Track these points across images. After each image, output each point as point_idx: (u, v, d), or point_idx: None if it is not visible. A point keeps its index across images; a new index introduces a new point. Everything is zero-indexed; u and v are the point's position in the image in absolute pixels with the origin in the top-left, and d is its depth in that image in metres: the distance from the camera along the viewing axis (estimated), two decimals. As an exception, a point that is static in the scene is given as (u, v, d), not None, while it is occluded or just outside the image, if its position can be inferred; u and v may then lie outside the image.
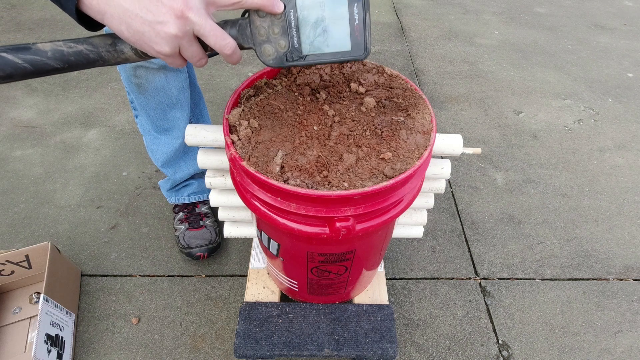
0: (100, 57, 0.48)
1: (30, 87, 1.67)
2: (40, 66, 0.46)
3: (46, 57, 0.46)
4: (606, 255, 1.17)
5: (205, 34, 0.46)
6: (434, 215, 1.24)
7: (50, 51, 0.46)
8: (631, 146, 1.55)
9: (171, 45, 0.45)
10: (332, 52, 0.52)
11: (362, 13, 0.49)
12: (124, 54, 0.49)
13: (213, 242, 1.08)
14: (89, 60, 0.48)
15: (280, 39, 0.50)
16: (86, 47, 0.47)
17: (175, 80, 0.88)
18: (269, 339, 0.81)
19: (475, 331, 0.99)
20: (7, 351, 0.89)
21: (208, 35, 0.46)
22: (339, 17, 0.49)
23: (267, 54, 0.51)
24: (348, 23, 0.50)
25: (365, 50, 0.52)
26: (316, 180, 0.54)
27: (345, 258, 0.71)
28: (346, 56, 0.52)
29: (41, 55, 0.46)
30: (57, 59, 0.46)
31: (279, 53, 0.51)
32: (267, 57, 0.51)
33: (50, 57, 0.46)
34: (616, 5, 2.68)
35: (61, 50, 0.46)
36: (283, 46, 0.51)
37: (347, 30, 0.50)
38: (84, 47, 0.47)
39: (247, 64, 1.87)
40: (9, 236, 1.13)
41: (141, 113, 0.95)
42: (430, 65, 1.95)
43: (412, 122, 0.62)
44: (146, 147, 1.04)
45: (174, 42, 0.45)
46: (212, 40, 0.47)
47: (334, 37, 0.50)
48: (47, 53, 0.46)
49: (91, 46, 0.48)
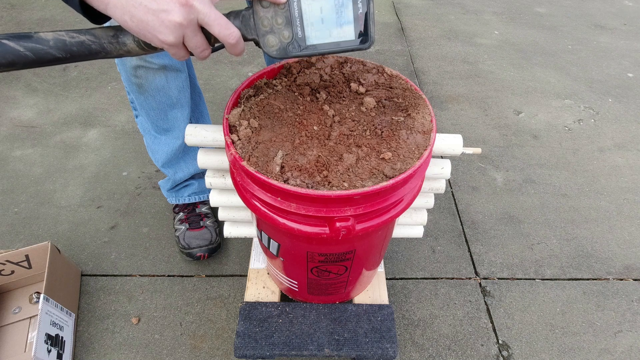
0: (102, 48, 0.48)
1: (30, 87, 1.67)
2: (42, 55, 0.46)
3: (48, 46, 0.46)
4: (606, 255, 1.17)
5: (209, 23, 0.46)
6: (434, 215, 1.24)
7: (53, 40, 0.46)
8: (631, 146, 1.55)
9: (175, 35, 0.45)
10: (336, 41, 0.51)
11: (366, 1, 0.49)
12: (126, 45, 0.49)
13: (213, 242, 1.08)
14: (91, 51, 0.48)
15: (284, 30, 0.50)
16: (88, 37, 0.47)
17: (176, 80, 0.88)
18: (269, 339, 0.81)
19: (475, 331, 0.99)
20: (7, 351, 0.89)
21: (212, 24, 0.46)
22: (343, 6, 0.49)
23: (271, 45, 0.51)
24: (352, 12, 0.49)
25: (369, 39, 0.51)
26: (316, 180, 0.54)
27: (345, 258, 0.71)
28: (350, 45, 0.51)
29: (43, 44, 0.45)
30: (59, 48, 0.46)
31: (283, 44, 0.50)
32: (270, 48, 0.51)
33: (53, 47, 0.46)
34: (616, 5, 2.68)
35: (63, 40, 0.46)
36: (287, 37, 0.50)
37: (351, 19, 0.50)
38: (87, 38, 0.47)
39: (247, 64, 1.87)
40: (9, 236, 1.13)
41: (141, 113, 0.95)
42: (430, 65, 1.95)
43: (412, 122, 0.62)
44: (146, 147, 1.04)
45: (179, 31, 0.45)
46: (216, 29, 0.46)
47: (338, 26, 0.50)
48: (49, 42, 0.46)
49: (93, 37, 0.47)
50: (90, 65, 1.81)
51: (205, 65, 1.84)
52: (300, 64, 0.70)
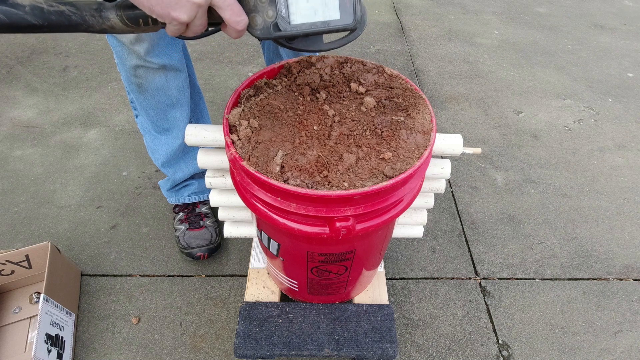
0: (83, 21, 0.47)
1: (30, 87, 1.67)
2: (16, 20, 0.44)
3: (24, 12, 0.44)
4: (606, 255, 1.17)
5: (223, 7, 0.46)
6: (434, 215, 1.24)
7: (29, 6, 0.44)
8: (631, 146, 1.55)
9: (190, 14, 0.45)
10: (320, 21, 0.50)
11: None
12: (109, 20, 0.47)
13: (213, 242, 1.08)
14: (71, 22, 0.47)
15: (268, 8, 0.49)
16: (69, 8, 0.46)
17: (175, 79, 0.88)
18: (269, 339, 0.81)
19: (475, 331, 0.99)
20: (7, 351, 0.89)
21: (226, 8, 0.46)
22: None
23: (254, 25, 0.50)
24: None
25: (354, 17, 0.50)
26: (316, 180, 0.54)
27: (345, 258, 0.71)
28: (336, 24, 0.51)
29: (18, 9, 0.44)
30: (36, 15, 0.45)
31: (267, 23, 0.50)
32: (254, 29, 0.50)
33: (29, 12, 0.45)
34: (616, 5, 2.67)
35: (41, 7, 0.45)
36: (270, 15, 0.49)
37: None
38: (67, 8, 0.46)
39: (247, 64, 1.87)
40: (9, 236, 1.13)
41: (141, 113, 0.95)
42: (430, 65, 1.95)
43: (412, 122, 0.62)
44: (146, 147, 1.04)
45: (195, 10, 0.45)
46: (227, 14, 0.46)
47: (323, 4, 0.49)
48: (24, 7, 0.44)
49: (74, 8, 0.46)
50: (90, 65, 1.81)
51: (205, 65, 1.84)
52: (300, 64, 0.70)
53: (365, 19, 0.53)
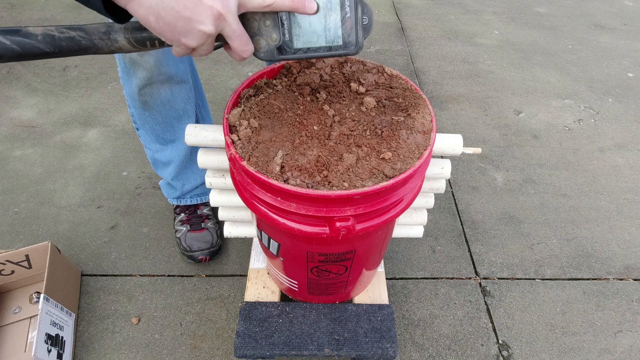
0: (93, 44, 0.48)
1: (30, 87, 1.67)
2: (29, 49, 0.46)
3: (36, 41, 0.46)
4: (606, 255, 1.17)
5: (233, 37, 0.46)
6: (434, 215, 1.24)
7: (41, 35, 0.46)
8: (631, 146, 1.55)
9: (199, 42, 0.46)
10: (323, 46, 0.51)
11: (354, 6, 0.49)
12: (117, 42, 0.48)
13: (214, 245, 1.08)
14: (80, 47, 0.48)
15: (272, 32, 0.50)
16: (79, 33, 0.47)
17: (181, 92, 0.88)
18: (269, 339, 0.81)
19: (475, 331, 0.99)
20: (7, 351, 0.89)
21: (235, 38, 0.47)
22: (330, 10, 0.49)
23: (258, 48, 0.51)
24: (339, 16, 0.49)
25: (356, 44, 0.51)
26: (316, 180, 0.54)
27: (345, 258, 0.71)
28: (338, 50, 0.52)
29: (31, 38, 0.45)
30: (48, 43, 0.46)
31: (270, 46, 0.51)
32: (258, 51, 0.51)
33: (41, 41, 0.46)
34: (616, 5, 2.67)
35: (52, 34, 0.46)
36: (274, 39, 0.50)
37: (338, 24, 0.50)
38: (77, 34, 0.47)
39: (247, 64, 1.87)
40: (9, 236, 1.13)
41: (144, 127, 0.94)
42: (431, 65, 1.94)
43: (412, 122, 0.62)
44: (151, 164, 1.04)
45: (204, 39, 0.45)
46: (236, 43, 0.47)
47: (325, 30, 0.50)
48: (37, 37, 0.46)
49: (84, 33, 0.47)
50: (90, 65, 1.81)
51: (205, 65, 1.84)
52: (300, 64, 0.70)
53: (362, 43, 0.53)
